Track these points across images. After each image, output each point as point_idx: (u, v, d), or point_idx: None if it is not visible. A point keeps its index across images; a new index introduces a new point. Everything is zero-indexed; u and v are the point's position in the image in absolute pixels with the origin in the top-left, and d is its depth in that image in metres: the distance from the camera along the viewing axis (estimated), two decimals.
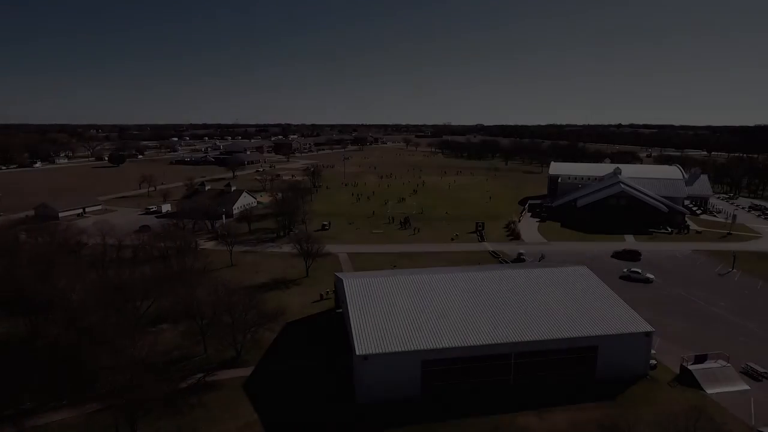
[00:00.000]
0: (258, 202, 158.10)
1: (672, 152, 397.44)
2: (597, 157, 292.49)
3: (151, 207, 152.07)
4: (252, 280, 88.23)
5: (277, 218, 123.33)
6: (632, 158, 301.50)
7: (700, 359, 55.60)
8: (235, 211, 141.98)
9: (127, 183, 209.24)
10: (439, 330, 52.28)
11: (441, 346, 49.96)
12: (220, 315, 60.11)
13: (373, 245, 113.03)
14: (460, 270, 72.03)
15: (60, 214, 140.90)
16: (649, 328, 54.40)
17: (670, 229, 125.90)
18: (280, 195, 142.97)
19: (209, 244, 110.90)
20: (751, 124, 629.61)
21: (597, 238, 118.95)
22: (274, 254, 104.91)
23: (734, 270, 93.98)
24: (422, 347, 49.73)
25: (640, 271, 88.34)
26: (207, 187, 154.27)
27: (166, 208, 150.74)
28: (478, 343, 50.58)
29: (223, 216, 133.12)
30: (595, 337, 52.88)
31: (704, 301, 78.66)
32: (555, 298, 59.21)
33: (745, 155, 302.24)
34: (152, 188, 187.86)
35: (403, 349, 49.36)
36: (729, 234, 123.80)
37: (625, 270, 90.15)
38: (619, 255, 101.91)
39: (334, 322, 69.00)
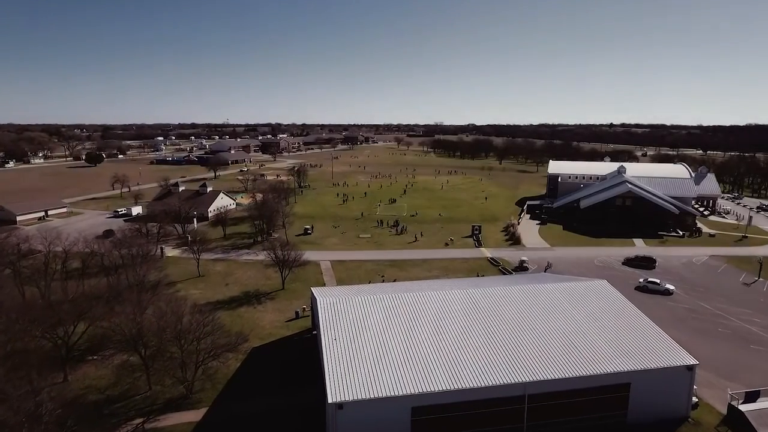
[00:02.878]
0: (237, 204, 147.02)
1: (668, 151, 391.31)
2: (592, 156, 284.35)
3: (119, 209, 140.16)
4: (219, 293, 77.49)
5: (254, 222, 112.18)
6: (629, 157, 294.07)
7: (751, 396, 45.60)
8: (210, 214, 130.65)
9: (102, 184, 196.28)
10: (434, 366, 41.78)
11: (436, 389, 39.43)
12: (167, 343, 49.44)
13: (359, 252, 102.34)
14: (458, 285, 61.53)
15: (18, 218, 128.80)
16: (691, 360, 44.29)
17: (681, 232, 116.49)
18: (260, 196, 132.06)
19: (177, 252, 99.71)
20: (742, 123, 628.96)
21: (604, 243, 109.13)
22: (248, 263, 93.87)
23: (761, 279, 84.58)
24: (413, 390, 39.18)
25: (658, 281, 78.45)
26: (181, 188, 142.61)
27: (136, 210, 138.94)
28: (483, 384, 40.10)
29: (195, 220, 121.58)
30: (627, 372, 42.62)
31: (735, 316, 68.92)
32: (574, 321, 48.93)
33: (746, 154, 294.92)
34: (126, 189, 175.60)
35: (388, 394, 38.81)
36: (744, 237, 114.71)
37: (641, 280, 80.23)
38: (631, 262, 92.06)
39: (308, 347, 58.32)
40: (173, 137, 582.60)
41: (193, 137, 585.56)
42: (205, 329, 49.14)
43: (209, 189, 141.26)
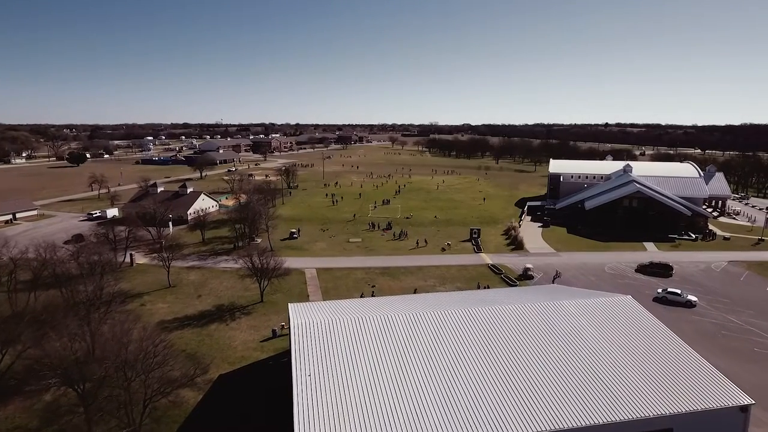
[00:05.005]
0: (221, 206, 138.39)
1: (666, 150, 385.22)
2: (591, 155, 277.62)
3: (94, 212, 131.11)
4: (190, 307, 69.01)
5: (235, 225, 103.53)
6: (627, 156, 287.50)
7: None
8: (190, 216, 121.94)
9: (81, 184, 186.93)
10: (431, 412, 33.58)
11: None
12: (109, 377, 40.96)
13: (348, 258, 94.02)
14: (458, 300, 53.35)
15: None
16: (746, 399, 36.43)
17: (694, 235, 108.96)
18: (243, 198, 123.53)
19: (148, 259, 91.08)
20: (737, 122, 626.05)
21: (613, 247, 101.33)
22: (225, 271, 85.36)
23: None
24: None
25: (679, 292, 70.62)
26: (160, 189, 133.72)
27: (112, 213, 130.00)
28: None
29: (170, 223, 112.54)
30: (669, 416, 34.66)
31: None
32: (600, 350, 40.84)
33: (748, 153, 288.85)
34: (104, 190, 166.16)
35: None
36: (761, 240, 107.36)
37: (659, 290, 72.40)
38: (645, 269, 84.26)
39: (284, 373, 49.89)
40: (163, 137, 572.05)
41: (183, 137, 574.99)
42: (155, 359, 40.68)
43: (190, 190, 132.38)
